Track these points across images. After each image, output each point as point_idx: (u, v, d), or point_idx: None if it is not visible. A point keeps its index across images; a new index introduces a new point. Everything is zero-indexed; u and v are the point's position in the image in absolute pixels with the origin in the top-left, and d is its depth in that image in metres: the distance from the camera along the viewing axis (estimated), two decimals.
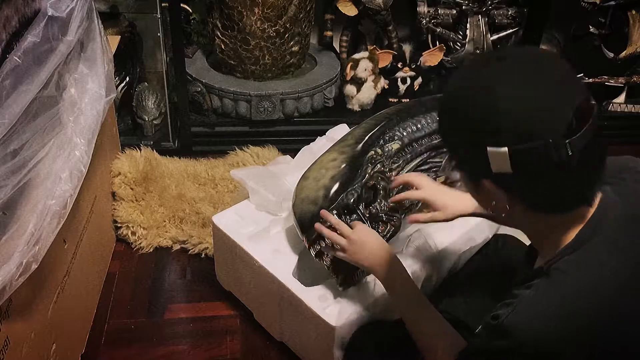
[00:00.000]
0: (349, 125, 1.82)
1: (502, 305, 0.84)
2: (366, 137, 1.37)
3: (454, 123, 0.82)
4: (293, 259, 1.38)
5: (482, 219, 1.32)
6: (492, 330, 0.83)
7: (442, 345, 1.02)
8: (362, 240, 1.15)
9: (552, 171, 0.75)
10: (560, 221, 0.83)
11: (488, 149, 0.75)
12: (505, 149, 0.74)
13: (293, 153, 1.69)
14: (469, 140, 0.79)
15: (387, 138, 1.40)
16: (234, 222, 1.44)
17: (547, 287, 0.81)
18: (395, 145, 1.39)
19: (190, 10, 2.16)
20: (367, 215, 1.28)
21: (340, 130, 1.72)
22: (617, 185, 0.87)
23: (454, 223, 1.25)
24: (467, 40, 2.25)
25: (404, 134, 1.42)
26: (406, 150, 1.41)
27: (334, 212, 1.25)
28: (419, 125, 1.44)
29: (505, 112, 0.75)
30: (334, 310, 1.22)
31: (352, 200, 1.27)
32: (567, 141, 0.73)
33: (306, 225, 1.27)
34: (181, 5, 1.95)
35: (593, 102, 0.77)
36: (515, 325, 0.80)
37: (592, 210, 0.82)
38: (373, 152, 1.35)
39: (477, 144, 0.77)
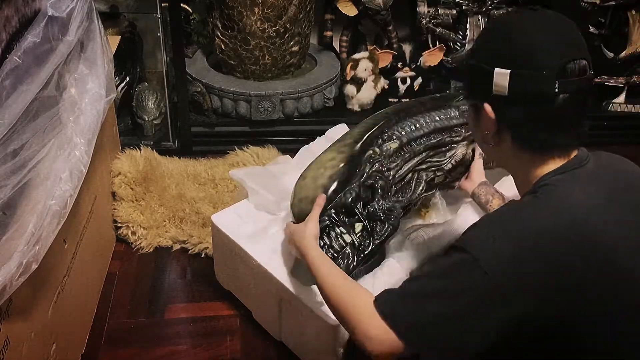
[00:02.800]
0: (348, 126, 1.81)
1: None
2: (365, 137, 1.37)
3: (479, 46, 0.95)
4: (292, 258, 1.37)
5: (482, 214, 1.33)
6: (447, 250, 0.88)
7: (363, 300, 0.91)
8: (305, 223, 1.19)
9: (538, 104, 0.86)
10: (540, 162, 0.90)
11: (495, 69, 0.87)
12: (508, 71, 0.86)
13: (293, 153, 1.69)
14: (483, 61, 0.90)
15: (385, 137, 1.40)
16: (233, 222, 1.44)
17: (510, 206, 0.91)
18: (393, 145, 1.39)
19: (190, 10, 2.16)
20: (365, 214, 1.29)
21: (340, 130, 1.72)
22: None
23: (453, 219, 1.28)
24: (467, 40, 2.25)
25: (402, 133, 1.42)
26: (404, 149, 1.41)
27: (332, 211, 1.25)
28: (417, 125, 1.45)
29: (516, 43, 0.88)
30: None
31: (350, 200, 1.27)
32: (556, 80, 0.84)
33: None
34: (181, 5, 1.95)
35: (591, 72, 0.88)
36: (470, 239, 0.85)
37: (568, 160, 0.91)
38: (371, 151, 1.35)
39: (489, 65, 0.88)
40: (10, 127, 0.95)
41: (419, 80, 2.30)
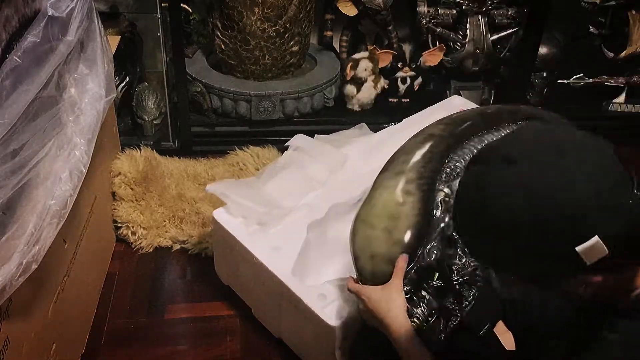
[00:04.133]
0: (347, 126, 1.81)
1: (587, 350, 0.77)
2: (427, 170, 1.14)
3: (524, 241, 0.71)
4: (293, 256, 1.37)
5: None
6: None
7: None
8: (389, 293, 1.01)
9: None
10: None
11: (577, 249, 0.68)
12: (595, 237, 0.68)
13: None
14: (553, 252, 0.70)
15: (448, 170, 1.15)
16: (234, 218, 1.44)
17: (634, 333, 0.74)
18: None
19: (190, 10, 2.16)
20: (454, 275, 1.06)
21: (301, 140, 1.65)
22: None
23: None
24: (467, 40, 2.25)
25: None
26: None
27: (414, 274, 1.06)
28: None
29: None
30: (333, 309, 1.22)
31: (433, 259, 1.06)
32: None
33: None
34: (181, 5, 1.95)
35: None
36: None
37: None
38: (442, 192, 1.12)
39: (564, 250, 0.69)
40: (10, 127, 0.95)
41: (419, 80, 2.30)
